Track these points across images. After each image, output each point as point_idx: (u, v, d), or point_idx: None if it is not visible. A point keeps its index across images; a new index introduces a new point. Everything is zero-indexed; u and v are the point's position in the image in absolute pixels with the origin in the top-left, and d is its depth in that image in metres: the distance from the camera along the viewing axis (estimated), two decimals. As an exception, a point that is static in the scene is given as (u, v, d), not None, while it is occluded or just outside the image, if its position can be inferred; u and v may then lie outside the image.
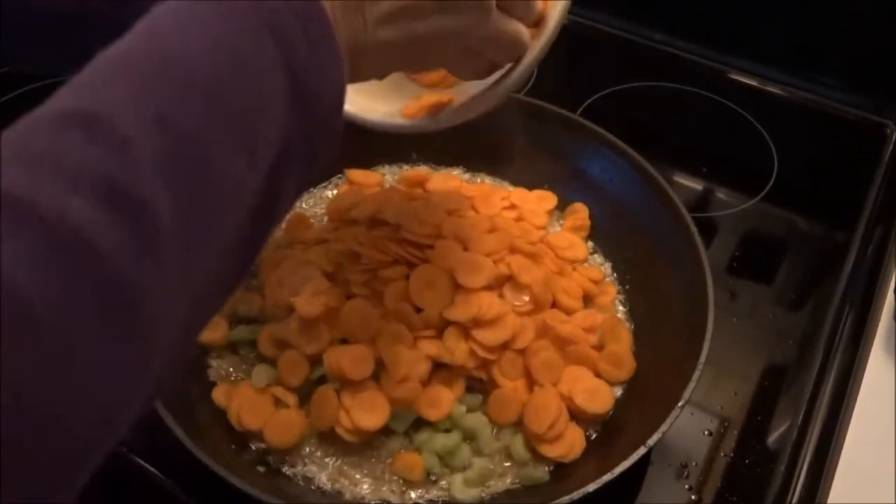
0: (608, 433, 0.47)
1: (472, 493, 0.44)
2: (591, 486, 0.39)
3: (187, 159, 0.23)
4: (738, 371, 0.54)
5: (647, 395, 0.47)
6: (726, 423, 0.51)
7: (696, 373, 0.43)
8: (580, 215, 0.58)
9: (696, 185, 0.69)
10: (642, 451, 0.40)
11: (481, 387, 0.48)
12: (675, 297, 0.51)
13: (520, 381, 0.47)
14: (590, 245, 0.58)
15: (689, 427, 0.50)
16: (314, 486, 0.44)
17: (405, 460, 0.45)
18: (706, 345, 0.44)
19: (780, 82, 0.79)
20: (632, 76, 0.78)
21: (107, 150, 0.21)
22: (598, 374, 0.49)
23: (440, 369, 0.47)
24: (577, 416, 0.47)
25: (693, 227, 0.51)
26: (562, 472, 0.45)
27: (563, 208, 0.60)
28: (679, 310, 0.50)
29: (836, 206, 0.68)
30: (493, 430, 0.47)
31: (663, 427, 0.41)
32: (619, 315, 0.54)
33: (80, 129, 0.21)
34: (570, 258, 0.55)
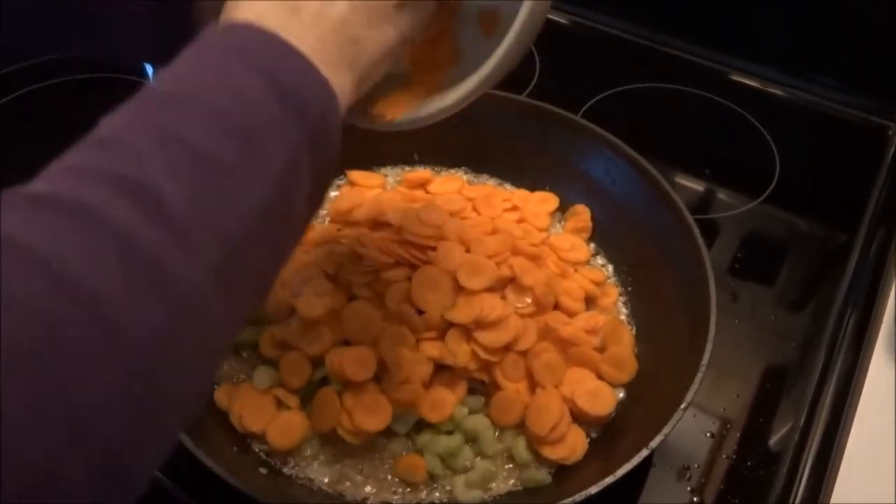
0: (610, 435, 0.47)
1: (473, 495, 0.44)
2: (593, 489, 0.39)
3: (189, 159, 0.26)
4: (739, 373, 0.54)
5: (649, 397, 0.47)
6: (728, 425, 0.51)
7: (699, 375, 0.43)
8: (582, 217, 0.58)
9: (697, 186, 0.69)
10: (644, 453, 0.40)
11: (483, 389, 0.48)
12: (676, 298, 0.51)
13: (522, 383, 0.47)
14: (591, 247, 0.58)
15: (690, 429, 0.50)
16: (316, 488, 0.44)
17: (407, 462, 0.45)
18: (708, 346, 0.44)
19: (781, 84, 0.79)
20: (633, 77, 0.78)
21: (114, 154, 0.25)
22: (600, 376, 0.49)
23: (442, 371, 0.47)
24: (578, 418, 0.47)
25: (695, 229, 0.51)
26: (564, 474, 0.45)
27: (564, 210, 0.60)
28: (681, 311, 0.50)
29: (839, 207, 0.68)
30: (495, 432, 0.46)
31: (666, 429, 0.41)
32: (621, 317, 0.54)
33: (95, 147, 0.26)
34: (572, 260, 0.55)
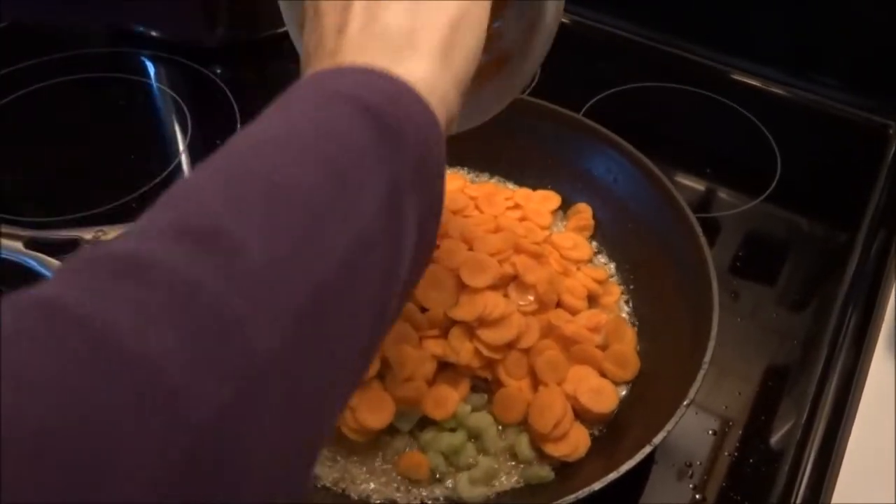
0: (613, 432, 0.47)
1: (477, 492, 0.44)
2: (596, 485, 0.39)
3: (268, 202, 0.23)
4: (741, 371, 0.54)
5: (652, 395, 0.47)
6: (730, 423, 0.51)
7: (701, 372, 0.43)
8: (584, 215, 0.59)
9: (698, 185, 0.69)
10: (647, 449, 0.40)
11: (486, 386, 0.48)
12: (679, 296, 0.51)
13: (525, 381, 0.47)
14: (594, 245, 0.58)
15: (692, 427, 0.50)
16: (320, 485, 0.44)
17: (410, 459, 0.45)
18: (711, 344, 0.44)
19: (782, 83, 0.79)
20: (634, 77, 0.78)
21: (184, 206, 0.23)
22: (602, 374, 0.49)
23: (445, 369, 0.47)
24: (581, 415, 0.47)
25: (697, 227, 0.51)
26: (567, 472, 0.45)
27: (566, 208, 0.60)
28: (683, 309, 0.50)
29: (840, 206, 0.68)
30: (499, 430, 0.47)
31: (668, 426, 0.41)
32: (624, 315, 0.54)
33: (165, 203, 0.23)
34: (575, 258, 0.55)
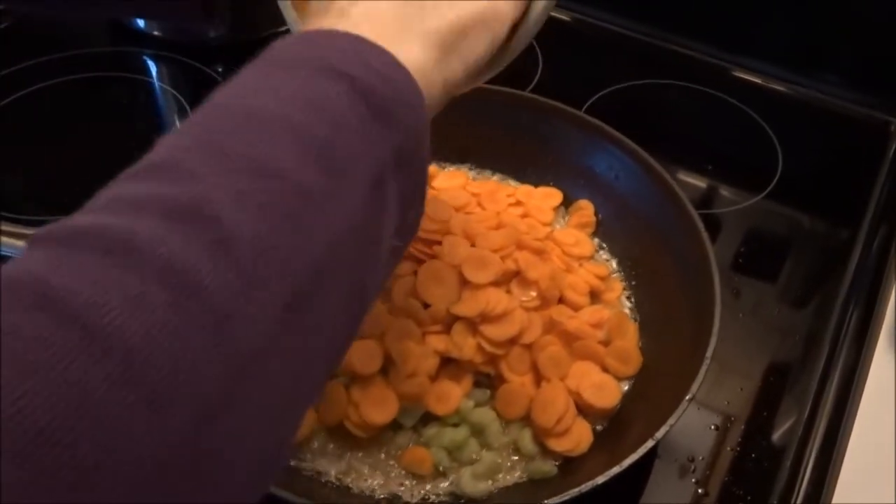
0: (615, 428, 0.47)
1: (480, 487, 0.44)
2: (599, 479, 0.39)
3: (257, 182, 0.22)
4: (742, 368, 0.54)
5: (654, 390, 0.48)
6: (732, 419, 0.51)
7: (704, 366, 0.43)
8: (586, 212, 0.59)
9: (700, 182, 0.69)
10: (650, 443, 0.40)
11: (489, 382, 0.48)
12: (681, 292, 0.51)
13: (527, 376, 0.48)
14: (595, 241, 0.58)
15: (694, 422, 0.50)
16: (324, 480, 0.45)
17: (414, 454, 0.45)
18: (713, 339, 0.44)
19: (784, 80, 0.79)
20: (636, 74, 0.78)
21: (171, 180, 0.21)
22: (605, 369, 0.49)
23: (448, 364, 0.47)
24: (584, 410, 0.47)
25: (699, 223, 0.51)
26: (570, 467, 0.45)
27: (568, 205, 0.60)
28: (685, 305, 0.50)
29: (841, 203, 0.69)
30: (501, 425, 0.47)
31: (671, 420, 0.41)
32: (626, 311, 0.54)
33: (149, 173, 0.22)
34: (577, 255, 0.55)
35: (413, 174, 0.27)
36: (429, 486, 0.45)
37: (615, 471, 0.39)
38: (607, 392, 0.48)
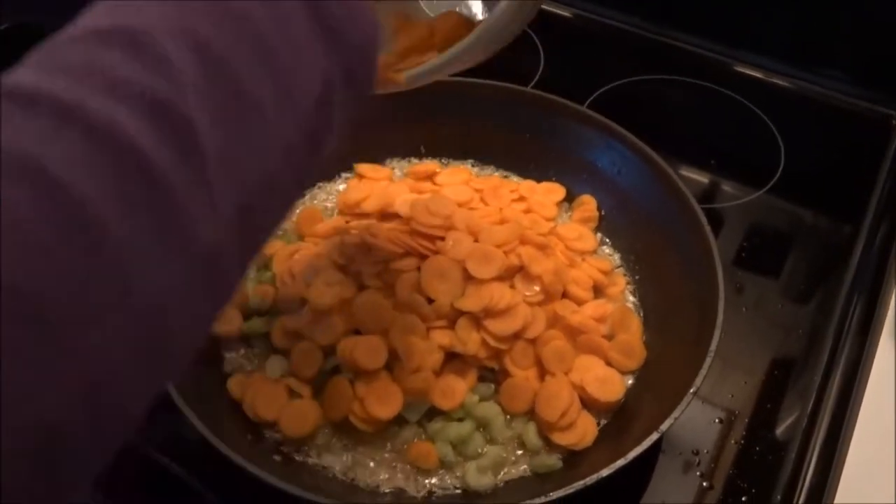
0: (620, 421, 0.48)
1: (485, 481, 0.44)
2: (604, 472, 0.39)
3: (224, 85, 0.23)
4: (746, 364, 0.54)
5: (658, 384, 0.48)
6: (736, 413, 0.51)
7: (708, 359, 0.43)
8: (588, 207, 0.59)
9: (702, 177, 0.69)
10: (655, 436, 0.40)
11: (493, 376, 0.48)
12: (684, 286, 0.51)
13: (531, 371, 0.48)
14: (599, 236, 0.58)
15: (698, 417, 0.50)
16: (330, 475, 0.45)
17: (419, 449, 0.45)
18: (717, 332, 0.45)
19: (786, 74, 0.79)
20: (638, 69, 0.78)
21: (147, 67, 0.22)
22: (608, 363, 0.49)
23: (452, 359, 0.48)
24: (588, 404, 0.47)
25: (702, 217, 0.51)
26: (574, 460, 0.45)
27: (571, 200, 0.60)
28: (689, 298, 0.50)
29: (843, 197, 0.69)
30: (506, 419, 0.47)
31: (675, 413, 0.41)
32: (629, 305, 0.54)
33: (118, 46, 0.22)
34: (580, 249, 0.56)
35: (358, 86, 0.28)
36: (434, 480, 0.45)
37: (620, 463, 0.39)
38: (611, 386, 0.48)
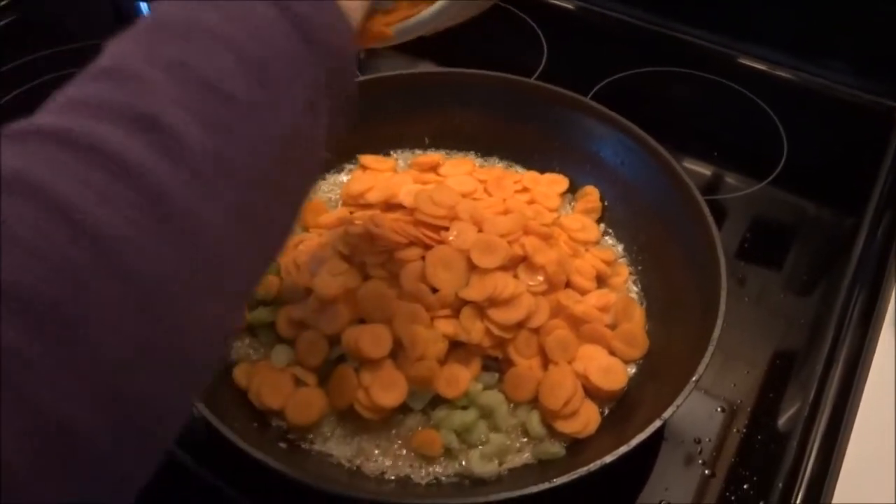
0: (623, 410, 0.48)
1: (489, 468, 0.45)
2: (607, 458, 0.39)
3: (207, 95, 0.24)
4: (748, 355, 0.54)
5: (661, 373, 0.48)
6: (739, 401, 0.51)
7: (710, 348, 0.44)
8: (591, 198, 0.59)
9: (705, 169, 0.70)
10: (658, 423, 0.41)
11: (497, 365, 0.49)
12: (686, 275, 0.51)
13: (535, 360, 0.48)
14: (602, 227, 0.59)
15: (700, 408, 0.51)
16: (335, 463, 0.45)
17: (423, 437, 0.45)
18: (719, 321, 0.45)
19: (789, 66, 0.79)
20: (641, 61, 0.78)
21: (128, 90, 0.23)
22: (612, 353, 0.50)
23: (457, 348, 0.48)
24: (591, 393, 0.48)
25: (705, 207, 0.52)
26: (577, 448, 0.46)
27: (574, 191, 0.61)
28: (691, 288, 0.50)
29: (846, 189, 0.69)
30: (510, 408, 0.47)
31: (678, 400, 0.41)
32: (632, 295, 0.55)
33: (102, 79, 0.24)
34: (583, 240, 0.56)
35: (343, 89, 0.29)
36: (439, 468, 0.45)
37: (623, 450, 0.40)
38: (614, 375, 0.48)
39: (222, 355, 0.26)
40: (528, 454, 0.46)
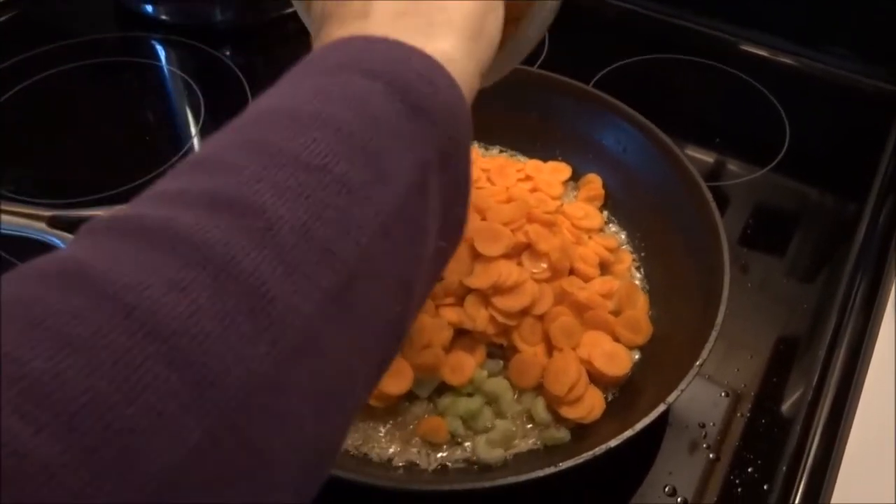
0: (627, 395, 0.48)
1: (495, 454, 0.45)
2: (612, 442, 0.40)
3: (300, 178, 0.22)
4: (750, 342, 0.55)
5: (665, 358, 0.48)
6: (743, 385, 0.52)
7: (713, 333, 0.44)
8: (594, 185, 0.59)
9: (707, 156, 0.70)
10: (662, 408, 0.41)
11: (502, 352, 0.49)
12: (690, 262, 0.51)
13: (539, 346, 0.48)
14: (605, 214, 0.59)
15: (704, 395, 0.51)
16: (343, 449, 0.46)
17: (430, 424, 0.46)
18: (723, 307, 0.45)
19: (791, 52, 0.79)
20: (643, 49, 0.78)
21: (215, 176, 0.21)
22: (616, 339, 0.50)
23: (462, 336, 0.48)
24: (596, 379, 0.48)
25: (707, 193, 0.52)
26: (582, 433, 0.46)
27: (577, 179, 0.61)
28: (694, 274, 0.50)
29: (848, 175, 0.69)
30: (515, 394, 0.48)
31: (682, 385, 0.42)
32: (636, 281, 0.55)
33: (187, 173, 0.22)
34: (586, 227, 0.56)
35: (455, 172, 0.26)
36: (445, 454, 0.46)
37: (628, 434, 0.40)
38: (618, 360, 0.48)
39: (323, 471, 0.23)
40: (534, 440, 0.46)
